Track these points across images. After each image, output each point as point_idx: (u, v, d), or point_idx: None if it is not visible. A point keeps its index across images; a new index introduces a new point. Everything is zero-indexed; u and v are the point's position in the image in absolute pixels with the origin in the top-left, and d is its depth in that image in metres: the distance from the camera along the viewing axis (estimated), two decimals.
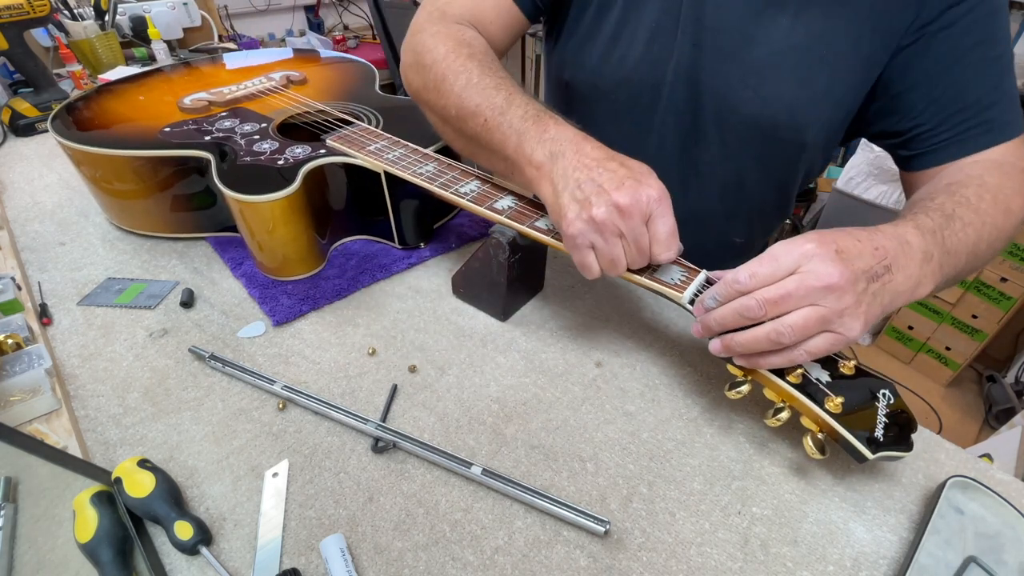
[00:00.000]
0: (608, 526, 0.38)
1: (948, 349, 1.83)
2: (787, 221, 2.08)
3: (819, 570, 0.37)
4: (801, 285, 0.36)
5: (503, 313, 0.56)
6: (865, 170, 1.93)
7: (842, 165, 2.29)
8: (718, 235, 0.68)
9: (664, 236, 0.42)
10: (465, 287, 0.58)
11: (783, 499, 0.41)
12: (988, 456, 1.34)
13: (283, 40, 2.85)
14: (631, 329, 0.56)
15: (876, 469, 0.43)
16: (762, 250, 0.39)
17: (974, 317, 1.73)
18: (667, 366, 0.52)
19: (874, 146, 1.86)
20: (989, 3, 0.49)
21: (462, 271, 0.57)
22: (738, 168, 0.63)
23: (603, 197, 0.40)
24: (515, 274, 0.54)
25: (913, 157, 0.55)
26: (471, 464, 0.41)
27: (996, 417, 1.69)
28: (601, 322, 0.57)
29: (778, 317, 0.37)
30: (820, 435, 0.39)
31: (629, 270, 0.44)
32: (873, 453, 0.36)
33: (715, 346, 0.41)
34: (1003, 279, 1.63)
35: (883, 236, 0.39)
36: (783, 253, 0.37)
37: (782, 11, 0.53)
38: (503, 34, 0.62)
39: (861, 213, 2.01)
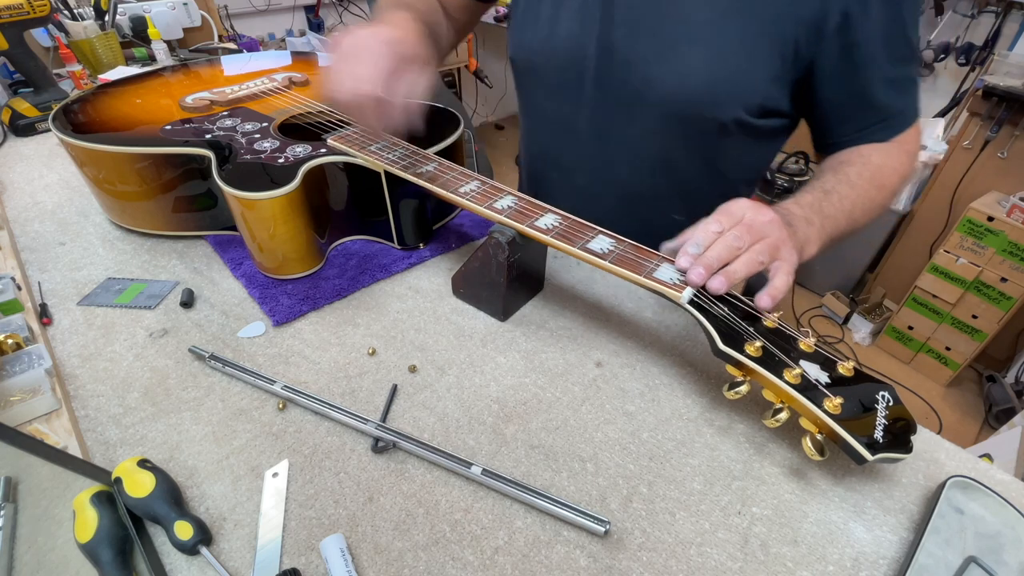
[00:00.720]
0: (608, 526, 0.38)
1: (948, 349, 1.83)
2: None
3: (819, 570, 0.37)
4: (756, 220, 0.46)
5: (503, 313, 0.56)
6: None
7: None
8: (658, 213, 0.72)
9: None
10: (465, 287, 0.58)
11: (783, 499, 0.41)
12: (988, 456, 1.34)
13: (283, 40, 2.85)
14: (631, 329, 0.56)
15: (876, 470, 0.43)
16: None
17: (974, 317, 1.73)
18: (667, 366, 0.52)
19: None
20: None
21: (462, 271, 0.57)
22: (664, 146, 0.65)
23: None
24: (515, 274, 0.54)
25: (824, 146, 0.62)
26: (471, 464, 0.41)
27: (996, 417, 1.69)
28: (601, 322, 0.57)
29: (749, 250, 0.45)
30: (819, 436, 0.39)
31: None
32: (872, 455, 0.36)
33: (718, 282, 0.44)
34: (1003, 279, 1.63)
35: (779, 209, 0.51)
36: (733, 207, 0.47)
37: None
38: (459, 13, 0.73)
39: None
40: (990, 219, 1.61)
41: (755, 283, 0.47)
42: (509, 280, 0.53)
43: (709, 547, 0.38)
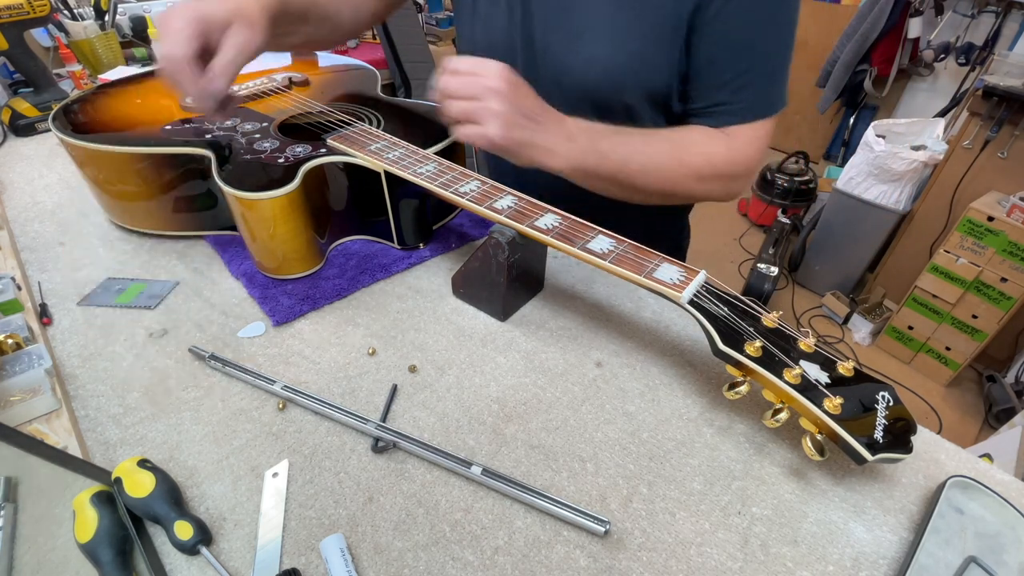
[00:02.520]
0: (608, 526, 0.38)
1: (948, 349, 1.83)
2: (786, 223, 2.08)
3: (819, 570, 0.37)
4: (478, 78, 0.49)
5: (503, 313, 0.56)
6: (865, 170, 1.93)
7: (842, 165, 2.29)
8: (586, 190, 0.77)
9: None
10: (465, 287, 0.58)
11: (783, 499, 0.41)
12: (988, 456, 1.34)
13: None
14: (631, 329, 0.56)
15: (876, 470, 0.43)
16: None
17: (974, 317, 1.73)
18: (667, 366, 0.52)
19: (874, 146, 1.86)
20: None
21: (462, 271, 0.57)
22: None
23: None
24: (514, 274, 0.54)
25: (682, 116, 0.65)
26: (471, 464, 0.41)
27: (996, 417, 1.69)
28: (601, 322, 0.57)
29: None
30: (819, 436, 0.39)
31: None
32: (872, 455, 0.36)
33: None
34: (1003, 279, 1.63)
35: (555, 111, 0.54)
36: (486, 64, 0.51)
37: None
38: None
39: (861, 212, 2.01)
40: (990, 219, 1.61)
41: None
42: (509, 280, 0.53)
43: (709, 547, 0.38)
